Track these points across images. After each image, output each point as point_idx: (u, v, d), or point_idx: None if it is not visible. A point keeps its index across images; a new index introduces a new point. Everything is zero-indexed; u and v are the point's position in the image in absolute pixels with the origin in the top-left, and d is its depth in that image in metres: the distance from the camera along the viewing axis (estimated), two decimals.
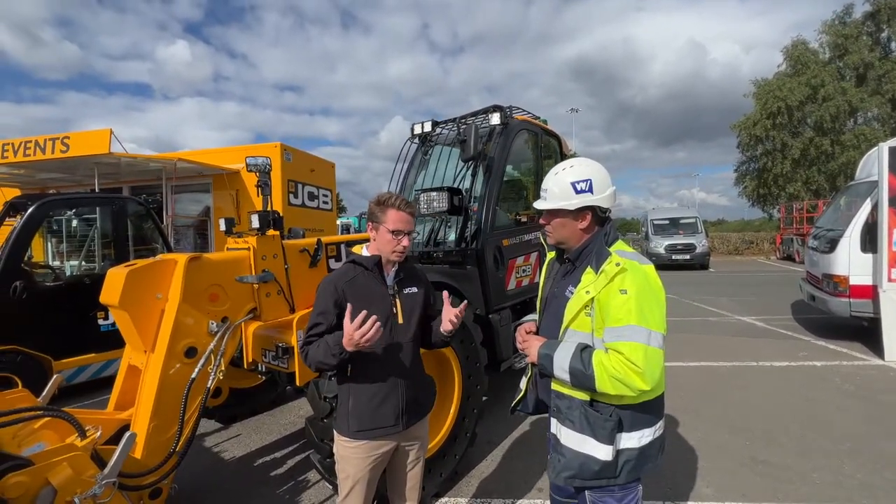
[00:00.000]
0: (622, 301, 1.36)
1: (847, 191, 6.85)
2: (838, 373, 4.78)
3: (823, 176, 24.88)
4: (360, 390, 1.68)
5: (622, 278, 1.38)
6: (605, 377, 1.35)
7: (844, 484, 2.74)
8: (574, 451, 1.46)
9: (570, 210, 1.50)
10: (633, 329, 1.34)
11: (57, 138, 5.88)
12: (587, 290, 1.43)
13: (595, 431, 1.42)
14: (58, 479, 1.57)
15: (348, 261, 1.78)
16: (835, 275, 5.69)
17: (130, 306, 2.26)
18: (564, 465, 1.48)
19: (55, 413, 1.84)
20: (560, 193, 1.52)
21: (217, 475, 3.07)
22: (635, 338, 1.34)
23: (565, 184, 1.51)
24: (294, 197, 7.38)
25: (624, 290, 1.37)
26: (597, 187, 1.50)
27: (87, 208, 5.08)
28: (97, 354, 4.51)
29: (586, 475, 1.45)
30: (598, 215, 1.53)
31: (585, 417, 1.44)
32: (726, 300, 9.19)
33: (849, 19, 24.83)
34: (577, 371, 1.40)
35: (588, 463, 1.43)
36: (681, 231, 16.48)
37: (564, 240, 1.57)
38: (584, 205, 1.49)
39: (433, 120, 3.98)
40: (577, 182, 1.49)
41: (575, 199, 1.49)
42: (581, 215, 1.51)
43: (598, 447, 1.42)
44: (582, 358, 1.41)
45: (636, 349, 1.33)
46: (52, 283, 4.65)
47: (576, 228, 1.53)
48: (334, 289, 1.66)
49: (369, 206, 1.76)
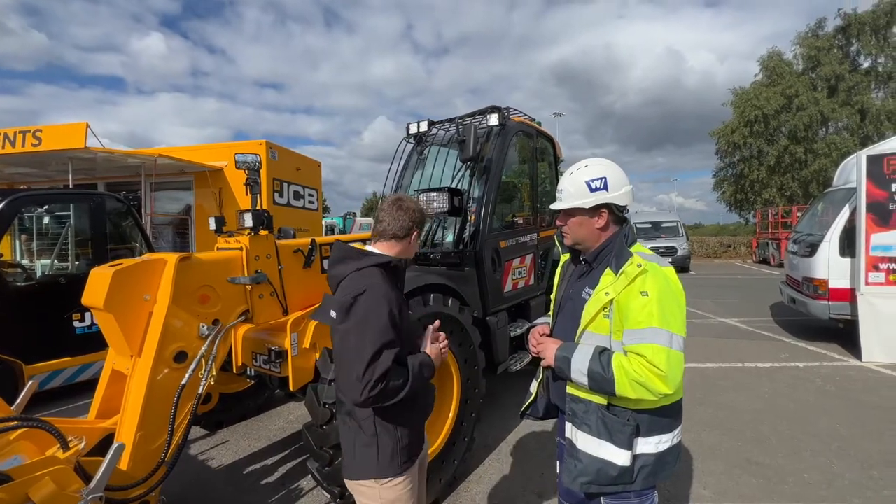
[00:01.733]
0: (643, 303, 1.34)
1: (825, 197, 7.07)
2: (819, 374, 4.92)
3: (797, 182, 25.78)
4: (412, 417, 1.52)
5: (643, 280, 1.36)
6: (625, 381, 1.32)
7: (835, 483, 2.80)
8: (591, 457, 1.43)
9: (586, 209, 1.49)
10: (656, 332, 1.31)
11: (28, 131, 5.58)
12: (606, 292, 1.40)
13: (613, 436, 1.39)
14: (39, 494, 1.45)
15: (380, 264, 1.50)
16: (815, 278, 5.87)
17: (116, 308, 2.13)
18: (581, 470, 1.44)
19: (35, 423, 1.71)
20: (575, 192, 1.50)
21: (205, 484, 2.94)
22: (658, 340, 1.31)
23: (580, 182, 1.49)
24: (279, 196, 7.21)
25: (645, 291, 1.35)
26: (612, 185, 1.48)
27: (62, 204, 4.83)
28: (72, 358, 4.29)
29: (603, 481, 1.41)
30: (615, 214, 1.51)
31: (603, 422, 1.41)
32: (709, 303, 9.40)
33: (821, 32, 25.85)
34: (596, 374, 1.37)
35: (605, 468, 1.40)
36: (662, 235, 16.81)
37: (582, 240, 1.54)
38: (600, 202, 1.47)
39: (429, 120, 3.93)
40: (591, 180, 1.48)
41: (590, 198, 1.48)
42: (598, 213, 1.49)
43: (616, 452, 1.39)
44: (601, 361, 1.37)
45: (659, 352, 1.30)
46: (23, 282, 4.41)
47: (593, 227, 1.51)
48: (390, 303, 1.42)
49: (414, 213, 1.58)
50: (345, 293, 1.43)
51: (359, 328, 1.36)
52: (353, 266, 1.49)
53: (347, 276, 1.48)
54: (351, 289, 1.42)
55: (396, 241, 1.58)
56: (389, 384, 1.34)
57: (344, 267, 1.51)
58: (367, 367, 1.31)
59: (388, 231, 1.57)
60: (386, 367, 1.33)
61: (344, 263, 1.52)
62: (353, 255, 1.53)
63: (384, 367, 1.32)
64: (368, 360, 1.31)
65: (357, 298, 1.39)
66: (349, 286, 1.44)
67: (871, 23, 23.98)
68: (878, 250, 5.24)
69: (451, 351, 2.74)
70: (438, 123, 3.98)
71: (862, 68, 25.45)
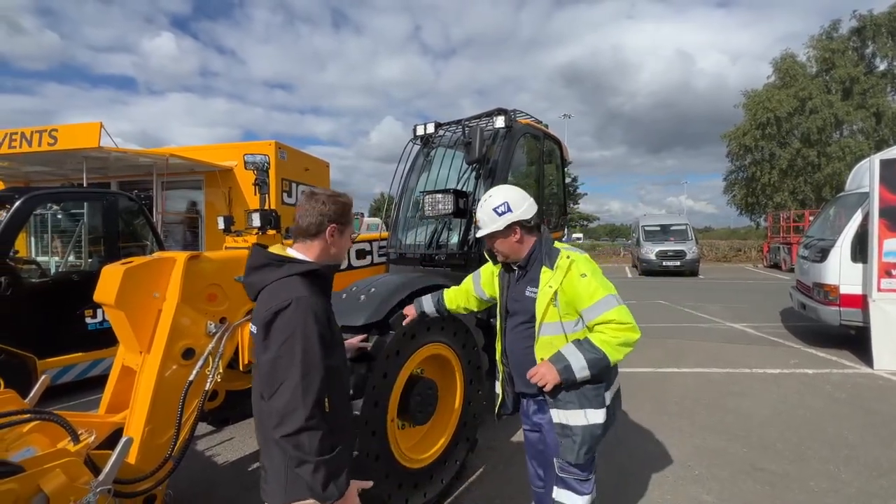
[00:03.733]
0: (586, 283, 1.66)
1: (837, 201, 6.97)
2: (829, 381, 4.85)
3: (809, 186, 25.44)
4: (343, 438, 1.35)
5: (577, 266, 1.69)
6: (611, 349, 1.61)
7: (842, 491, 2.77)
8: (582, 426, 1.70)
9: (501, 230, 1.80)
10: (608, 299, 1.64)
11: (44, 130, 5.72)
12: (550, 285, 1.70)
13: (591, 401, 1.71)
14: (50, 486, 1.49)
15: (304, 273, 1.32)
16: (825, 284, 5.78)
17: (126, 305, 2.18)
18: (581, 442, 1.70)
19: (47, 416, 1.76)
20: (489, 220, 1.82)
21: (211, 480, 2.99)
22: (614, 304, 1.64)
23: (489, 211, 1.82)
24: (288, 196, 7.29)
25: (584, 273, 1.68)
26: (514, 205, 1.80)
27: (76, 203, 4.94)
28: (84, 354, 4.37)
29: (595, 442, 1.73)
30: (525, 226, 1.82)
31: (582, 394, 1.70)
32: (718, 307, 9.30)
33: (836, 34, 25.48)
34: (593, 360, 1.62)
35: (594, 430, 1.71)
36: (671, 238, 16.67)
37: (508, 254, 1.86)
38: (509, 222, 1.78)
39: (436, 122, 3.95)
40: (496, 207, 1.81)
41: (500, 221, 1.79)
42: (511, 231, 1.80)
43: (597, 413, 1.71)
44: (588, 349, 1.63)
45: (620, 311, 1.63)
46: (37, 279, 4.50)
47: (512, 243, 1.82)
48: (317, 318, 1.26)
49: (324, 204, 1.38)
50: (266, 306, 1.25)
51: (283, 350, 1.19)
52: (273, 275, 1.31)
53: (267, 286, 1.31)
54: (273, 302, 1.24)
55: (310, 239, 1.39)
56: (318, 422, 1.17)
57: (262, 275, 1.33)
58: (296, 394, 1.15)
59: (299, 229, 1.40)
60: (315, 396, 1.17)
61: (262, 271, 1.34)
62: (272, 261, 1.34)
63: (313, 398, 1.17)
64: (298, 389, 1.15)
65: (279, 314, 1.21)
66: (269, 299, 1.27)
67: (888, 24, 23.60)
68: (891, 256, 5.15)
69: (454, 352, 2.76)
70: (445, 125, 4.00)
71: (878, 71, 25.06)
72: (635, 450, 3.32)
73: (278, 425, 1.17)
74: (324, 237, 1.39)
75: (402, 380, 2.39)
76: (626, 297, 8.62)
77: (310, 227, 1.38)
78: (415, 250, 3.67)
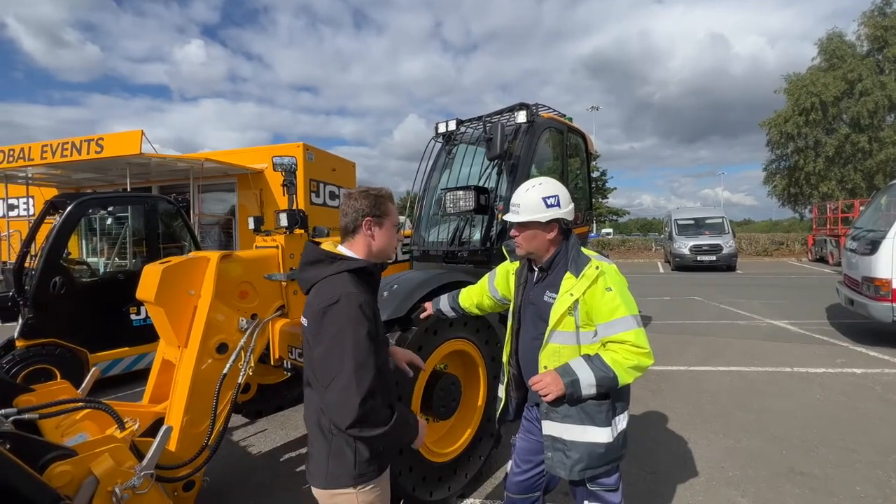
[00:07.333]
0: (611, 297, 1.55)
1: (889, 189, 6.52)
2: (880, 381, 4.55)
3: (860, 174, 23.80)
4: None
5: (604, 279, 1.57)
6: (623, 371, 1.52)
7: (892, 498, 2.60)
8: (579, 443, 1.59)
9: (542, 223, 1.66)
10: (628, 319, 1.54)
11: (92, 140, 6.12)
12: (571, 293, 1.58)
13: (593, 418, 1.59)
14: (100, 469, 1.61)
15: (353, 269, 1.38)
16: (876, 278, 5.42)
17: (165, 302, 2.32)
18: (576, 459, 1.59)
19: (97, 405, 1.90)
20: (534, 207, 1.67)
21: (244, 469, 3.13)
22: (633, 325, 1.53)
23: (537, 199, 1.67)
24: (316, 196, 7.48)
25: (609, 287, 1.56)
26: (563, 202, 1.68)
27: (121, 207, 5.25)
28: (130, 348, 4.66)
29: (594, 462, 1.60)
30: (563, 227, 1.71)
31: (583, 410, 1.59)
32: (757, 303, 8.88)
33: (889, 10, 23.66)
34: (603, 379, 1.52)
35: (594, 449, 1.58)
36: (706, 231, 16.02)
37: (534, 250, 1.72)
38: (554, 217, 1.66)
39: (457, 119, 3.96)
40: (547, 197, 1.67)
41: (546, 213, 1.66)
42: (550, 227, 1.68)
43: (599, 432, 1.58)
44: (598, 366, 1.53)
45: (639, 334, 1.53)
46: (88, 279, 4.82)
47: (545, 239, 1.69)
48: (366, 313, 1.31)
49: (358, 199, 1.43)
50: (318, 301, 1.33)
51: (333, 343, 1.26)
52: (325, 271, 1.38)
53: (319, 282, 1.37)
54: (323, 297, 1.31)
55: (351, 236, 1.45)
56: (376, 405, 1.25)
57: (315, 271, 1.40)
58: (350, 385, 1.22)
59: (342, 228, 1.46)
60: (368, 385, 1.23)
61: (315, 267, 1.41)
62: (325, 258, 1.41)
63: (367, 386, 1.23)
64: (352, 380, 1.22)
65: (329, 309, 1.28)
66: (320, 294, 1.34)
67: None
68: None
69: (477, 349, 2.77)
70: (467, 122, 4.00)
71: None
72: (666, 449, 3.24)
73: (338, 419, 1.25)
74: (362, 232, 1.44)
75: (424, 375, 2.42)
76: (658, 294, 8.42)
77: (348, 224, 1.44)
78: (438, 247, 3.70)
